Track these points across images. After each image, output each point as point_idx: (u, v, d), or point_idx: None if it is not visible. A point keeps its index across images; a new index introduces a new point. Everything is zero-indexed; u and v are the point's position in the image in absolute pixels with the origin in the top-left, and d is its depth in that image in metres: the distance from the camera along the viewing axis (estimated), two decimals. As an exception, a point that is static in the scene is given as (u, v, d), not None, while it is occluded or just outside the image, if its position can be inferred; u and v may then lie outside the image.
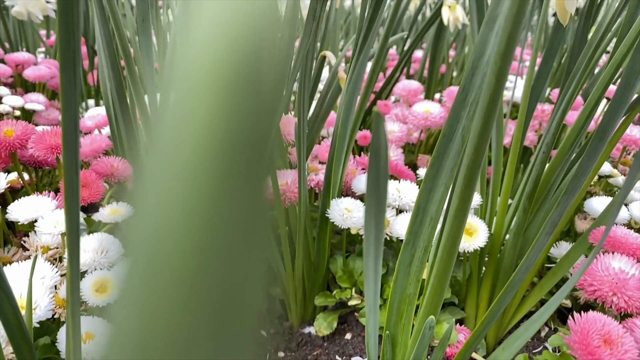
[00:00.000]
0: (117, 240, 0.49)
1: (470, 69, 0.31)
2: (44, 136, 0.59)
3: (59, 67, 0.22)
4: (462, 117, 0.32)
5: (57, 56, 0.20)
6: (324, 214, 0.59)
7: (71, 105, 0.23)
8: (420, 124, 0.85)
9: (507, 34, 0.23)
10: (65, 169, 0.24)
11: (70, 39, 0.21)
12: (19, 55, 1.16)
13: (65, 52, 0.21)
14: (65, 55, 0.21)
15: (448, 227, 0.30)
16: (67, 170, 0.24)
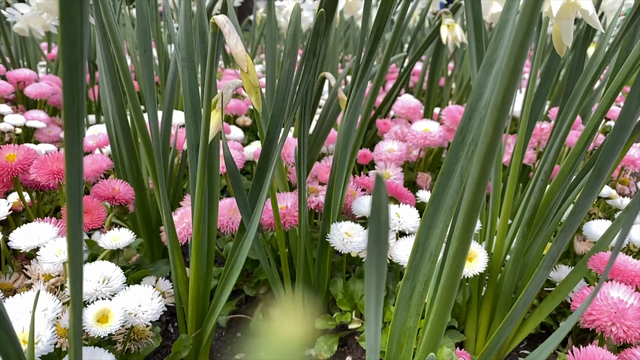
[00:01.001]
0: (118, 269, 0.49)
1: (468, 111, 0.31)
2: (46, 161, 0.59)
3: (62, 105, 0.22)
4: (460, 157, 0.33)
5: (62, 98, 0.21)
6: (324, 238, 0.60)
7: (75, 140, 0.23)
8: (420, 143, 0.85)
9: (504, 88, 0.24)
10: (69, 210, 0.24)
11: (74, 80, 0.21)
12: (21, 73, 1.17)
13: (69, 91, 0.22)
14: (69, 104, 0.22)
15: (447, 267, 0.31)
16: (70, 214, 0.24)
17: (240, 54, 0.41)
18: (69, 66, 0.21)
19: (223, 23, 0.41)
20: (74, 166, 0.23)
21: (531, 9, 0.22)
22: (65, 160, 0.23)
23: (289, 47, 0.50)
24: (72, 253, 0.24)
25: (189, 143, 0.51)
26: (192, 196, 0.53)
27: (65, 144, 0.22)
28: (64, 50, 0.20)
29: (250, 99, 0.46)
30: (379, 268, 0.23)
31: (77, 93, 0.21)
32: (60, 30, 0.20)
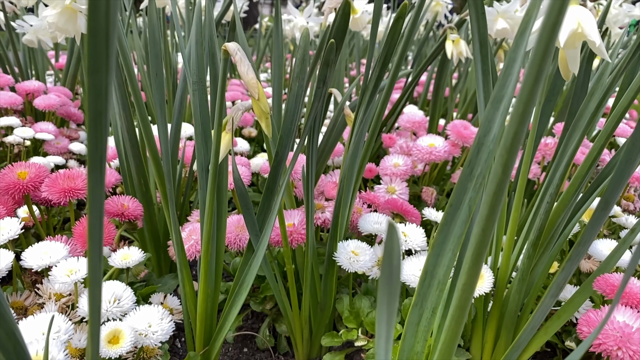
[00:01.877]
0: (128, 289, 0.50)
1: (477, 145, 0.32)
2: (57, 180, 0.60)
3: (88, 149, 0.23)
4: (468, 188, 0.33)
5: (86, 125, 0.21)
6: (331, 257, 0.60)
7: (98, 183, 0.24)
8: (425, 158, 0.86)
9: (513, 132, 0.24)
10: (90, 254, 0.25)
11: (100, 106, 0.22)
12: (30, 84, 1.18)
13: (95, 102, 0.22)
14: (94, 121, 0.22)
15: (456, 299, 0.31)
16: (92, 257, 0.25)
17: (251, 82, 0.41)
18: (94, 114, 0.21)
19: (234, 51, 0.42)
20: (96, 207, 0.24)
21: (540, 60, 0.22)
22: (88, 202, 0.24)
23: (297, 70, 0.51)
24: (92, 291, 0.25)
25: (199, 164, 0.52)
26: (202, 216, 0.54)
27: (88, 187, 0.23)
28: (90, 99, 0.21)
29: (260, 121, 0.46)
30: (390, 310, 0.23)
31: (101, 139, 0.22)
32: (87, 80, 0.21)
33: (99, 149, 0.23)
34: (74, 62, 1.37)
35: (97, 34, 0.20)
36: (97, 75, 0.21)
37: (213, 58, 0.55)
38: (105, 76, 0.21)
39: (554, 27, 0.22)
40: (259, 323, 0.75)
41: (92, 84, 0.21)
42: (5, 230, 0.53)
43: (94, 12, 0.20)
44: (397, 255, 0.21)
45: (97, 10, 0.20)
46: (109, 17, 0.20)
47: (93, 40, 0.20)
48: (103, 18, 0.20)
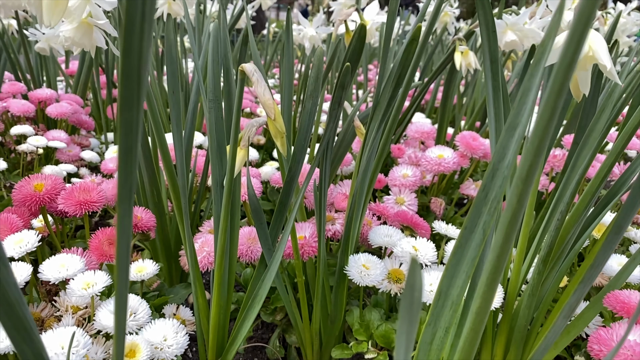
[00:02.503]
0: (144, 302, 0.51)
1: (491, 170, 0.33)
2: (73, 192, 0.61)
3: (117, 183, 0.24)
4: (483, 212, 0.34)
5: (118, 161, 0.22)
6: (342, 270, 0.61)
7: (127, 213, 0.25)
8: (434, 169, 0.86)
9: (528, 164, 0.25)
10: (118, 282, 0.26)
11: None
12: (42, 93, 1.20)
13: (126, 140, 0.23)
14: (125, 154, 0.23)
15: (470, 322, 0.32)
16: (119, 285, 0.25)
17: (267, 102, 0.42)
18: (125, 149, 0.22)
19: (251, 72, 0.43)
20: (124, 238, 0.24)
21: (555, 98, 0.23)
22: (117, 232, 0.24)
23: (311, 88, 0.52)
24: (118, 318, 0.26)
25: (214, 179, 0.53)
26: (216, 230, 0.54)
27: (118, 217, 0.24)
28: (121, 135, 0.22)
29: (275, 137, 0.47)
30: (409, 338, 0.24)
31: (131, 173, 0.23)
32: (119, 118, 0.22)
33: (128, 182, 0.24)
34: (85, 70, 1.38)
35: (130, 74, 0.21)
36: (129, 112, 0.22)
37: (227, 74, 0.56)
38: (137, 113, 0.22)
39: (569, 68, 0.22)
40: (269, 333, 0.76)
41: (124, 121, 0.22)
42: (23, 243, 0.54)
43: (128, 53, 0.21)
44: (419, 288, 0.22)
45: (130, 51, 0.21)
46: (142, 58, 0.21)
47: (126, 80, 0.21)
48: (136, 59, 0.21)
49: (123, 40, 0.20)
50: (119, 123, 0.22)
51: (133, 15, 0.20)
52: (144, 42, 0.21)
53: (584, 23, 0.21)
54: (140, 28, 0.20)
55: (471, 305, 0.35)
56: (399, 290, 0.61)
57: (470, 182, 0.93)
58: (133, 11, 0.20)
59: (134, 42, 0.20)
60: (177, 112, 0.49)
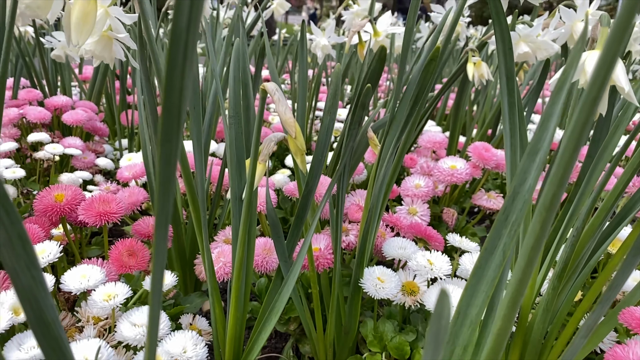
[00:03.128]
0: (164, 314, 0.52)
1: (512, 194, 0.33)
2: (93, 203, 0.62)
3: (155, 209, 0.24)
4: (503, 234, 0.34)
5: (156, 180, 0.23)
6: (356, 282, 0.61)
7: (163, 237, 0.26)
8: (447, 180, 0.87)
9: (552, 193, 0.26)
10: (152, 299, 0.27)
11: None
12: (58, 100, 1.22)
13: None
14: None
15: (491, 342, 0.32)
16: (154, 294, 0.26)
17: (289, 121, 0.43)
18: (163, 180, 0.23)
19: (273, 91, 0.43)
20: (159, 261, 0.25)
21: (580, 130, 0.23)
22: (153, 255, 0.25)
23: (329, 104, 0.53)
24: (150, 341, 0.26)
25: (233, 193, 0.53)
26: (234, 243, 0.55)
27: (154, 242, 0.25)
28: (160, 167, 0.23)
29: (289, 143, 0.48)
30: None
31: (168, 201, 0.24)
32: (158, 150, 0.22)
33: (166, 209, 0.24)
34: (99, 77, 1.40)
35: (171, 109, 0.22)
36: (168, 145, 0.23)
37: (246, 88, 0.57)
38: (175, 146, 0.23)
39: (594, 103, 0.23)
40: (282, 343, 0.77)
41: (163, 153, 0.23)
42: (45, 254, 0.55)
43: (170, 91, 0.22)
44: (446, 316, 0.23)
45: (172, 89, 0.21)
46: (182, 95, 0.22)
47: (167, 115, 0.22)
48: (177, 97, 0.22)
49: (166, 79, 0.21)
50: (159, 155, 0.23)
51: (175, 56, 0.21)
52: (185, 81, 0.21)
53: (609, 61, 0.22)
54: (182, 69, 0.21)
55: (492, 326, 0.36)
56: (413, 303, 0.62)
57: (483, 192, 0.94)
58: (175, 53, 0.21)
59: (175, 81, 0.21)
60: (197, 127, 0.50)
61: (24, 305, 0.25)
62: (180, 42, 0.21)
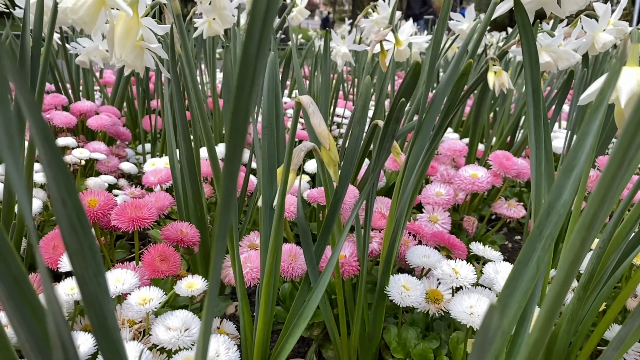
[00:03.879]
0: (196, 318, 0.53)
1: (547, 208, 0.34)
2: (125, 209, 0.64)
3: (217, 224, 0.26)
4: (537, 248, 0.35)
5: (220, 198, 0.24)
6: (382, 290, 0.63)
7: (220, 254, 0.27)
8: (468, 188, 0.88)
9: (592, 212, 0.27)
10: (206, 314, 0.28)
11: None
12: (83, 105, 1.24)
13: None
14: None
15: (525, 353, 0.33)
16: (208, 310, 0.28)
17: (323, 133, 0.44)
18: (226, 194, 0.24)
19: (308, 104, 0.45)
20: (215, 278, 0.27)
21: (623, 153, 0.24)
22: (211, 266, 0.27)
23: (358, 115, 0.54)
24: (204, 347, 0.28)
25: (264, 202, 0.55)
26: (264, 249, 0.57)
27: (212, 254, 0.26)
28: (225, 183, 0.24)
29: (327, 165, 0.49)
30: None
31: (229, 216, 0.25)
32: (225, 168, 0.24)
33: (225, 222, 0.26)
34: (122, 83, 1.43)
35: (237, 130, 0.23)
36: (233, 164, 0.24)
37: (277, 99, 0.58)
38: (238, 165, 0.24)
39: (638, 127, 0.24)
40: (305, 348, 0.78)
41: (228, 171, 0.24)
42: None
43: (237, 113, 0.23)
44: (493, 329, 0.24)
45: (239, 111, 0.23)
46: (247, 117, 0.23)
47: (233, 136, 0.23)
48: (243, 119, 0.23)
49: (233, 102, 0.23)
50: (225, 173, 0.24)
51: (243, 82, 0.22)
52: (250, 104, 0.23)
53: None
54: (249, 94, 0.22)
55: (523, 337, 0.37)
56: (437, 310, 0.63)
57: (503, 201, 0.94)
58: (244, 79, 0.22)
59: (242, 104, 0.23)
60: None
61: (89, 311, 0.27)
62: (249, 69, 0.22)
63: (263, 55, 0.22)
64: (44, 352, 0.26)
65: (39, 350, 0.26)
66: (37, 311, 0.25)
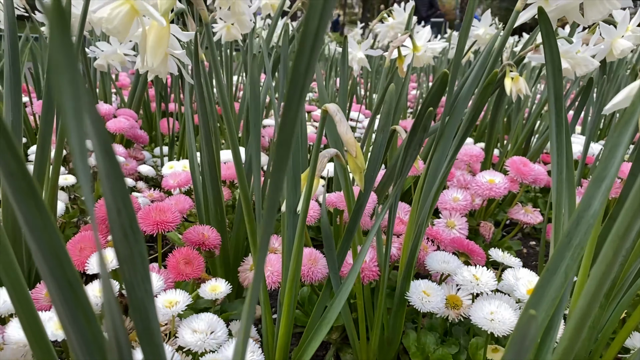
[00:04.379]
0: (221, 321, 0.54)
1: (576, 218, 0.35)
2: (149, 212, 0.65)
3: (260, 236, 0.27)
4: (566, 257, 0.36)
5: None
6: (402, 295, 0.63)
7: (265, 245, 0.28)
8: (485, 194, 0.88)
9: (627, 223, 0.27)
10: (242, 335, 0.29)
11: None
12: (102, 108, 1.26)
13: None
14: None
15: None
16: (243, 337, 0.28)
17: (350, 141, 0.45)
18: (271, 204, 0.25)
19: (335, 112, 0.46)
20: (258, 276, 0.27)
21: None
22: (255, 271, 0.27)
23: (382, 123, 0.55)
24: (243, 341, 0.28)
25: (288, 206, 0.56)
26: (287, 253, 0.58)
27: (254, 260, 0.27)
28: (270, 192, 0.25)
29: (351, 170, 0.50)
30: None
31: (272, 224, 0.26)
32: (271, 177, 0.25)
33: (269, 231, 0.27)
34: (140, 86, 1.45)
35: (284, 143, 0.24)
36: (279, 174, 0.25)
37: (299, 106, 0.59)
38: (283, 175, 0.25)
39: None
40: (323, 351, 0.79)
41: (274, 181, 0.25)
42: (108, 260, 0.58)
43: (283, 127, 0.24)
44: (532, 338, 0.24)
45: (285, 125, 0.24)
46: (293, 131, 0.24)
47: (280, 148, 0.24)
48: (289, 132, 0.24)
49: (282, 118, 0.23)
50: (271, 182, 0.25)
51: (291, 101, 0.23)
52: (297, 119, 0.24)
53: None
54: (296, 111, 0.23)
55: (549, 344, 0.37)
56: (457, 316, 0.63)
57: (519, 206, 0.94)
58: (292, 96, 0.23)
59: (289, 119, 0.23)
60: (257, 143, 0.53)
61: (135, 315, 0.28)
62: (297, 85, 0.23)
63: (312, 71, 0.23)
64: (92, 353, 0.27)
65: (88, 352, 0.27)
66: (88, 315, 0.26)
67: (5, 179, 0.21)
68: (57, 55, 0.16)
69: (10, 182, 0.21)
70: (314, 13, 0.21)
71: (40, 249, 0.23)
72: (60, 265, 0.24)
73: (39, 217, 0.23)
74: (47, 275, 0.24)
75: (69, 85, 0.16)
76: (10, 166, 0.21)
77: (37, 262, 0.24)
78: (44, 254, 0.23)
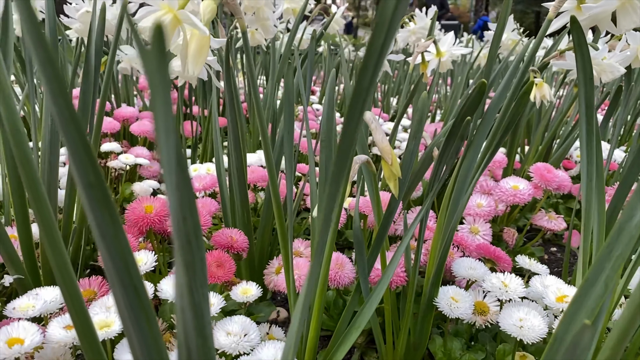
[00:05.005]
0: (254, 324, 0.55)
1: (618, 229, 0.35)
2: (181, 215, 0.66)
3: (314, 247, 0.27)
4: (606, 268, 0.36)
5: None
6: (430, 300, 0.63)
7: (321, 251, 0.29)
8: (509, 200, 0.88)
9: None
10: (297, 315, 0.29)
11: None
12: (125, 111, 1.28)
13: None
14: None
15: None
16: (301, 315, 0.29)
17: (385, 148, 0.46)
18: (325, 214, 0.26)
19: (370, 120, 0.46)
20: (312, 279, 0.28)
21: None
22: (308, 275, 0.28)
23: (414, 130, 0.55)
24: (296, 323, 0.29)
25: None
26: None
27: (311, 265, 0.28)
28: (326, 203, 0.26)
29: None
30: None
31: (328, 233, 0.27)
32: (327, 189, 0.26)
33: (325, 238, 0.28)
34: (163, 89, 1.47)
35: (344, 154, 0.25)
36: (336, 186, 0.26)
37: (332, 112, 0.60)
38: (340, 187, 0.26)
39: None
40: (348, 355, 0.79)
41: (330, 193, 0.26)
42: (142, 262, 0.59)
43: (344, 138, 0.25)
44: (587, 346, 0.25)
45: (346, 138, 0.25)
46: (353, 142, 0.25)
47: (339, 159, 0.25)
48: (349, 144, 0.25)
49: (343, 130, 0.24)
50: (326, 194, 0.26)
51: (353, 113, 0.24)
52: (357, 132, 0.24)
53: None
54: (357, 122, 0.24)
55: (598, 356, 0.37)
56: (484, 322, 0.63)
57: (543, 213, 0.94)
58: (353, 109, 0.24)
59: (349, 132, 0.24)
60: (290, 149, 0.54)
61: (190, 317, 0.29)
62: (359, 100, 0.24)
63: (374, 87, 0.24)
64: (152, 354, 0.28)
65: (147, 352, 0.28)
66: (150, 318, 0.27)
67: (84, 190, 0.23)
68: (154, 78, 0.17)
69: (88, 192, 0.23)
70: (380, 31, 0.22)
71: (110, 255, 0.24)
72: (128, 271, 0.25)
73: (112, 225, 0.24)
74: (115, 279, 0.25)
75: (162, 105, 0.17)
76: (89, 177, 0.22)
77: (105, 266, 0.25)
78: (114, 260, 0.24)
